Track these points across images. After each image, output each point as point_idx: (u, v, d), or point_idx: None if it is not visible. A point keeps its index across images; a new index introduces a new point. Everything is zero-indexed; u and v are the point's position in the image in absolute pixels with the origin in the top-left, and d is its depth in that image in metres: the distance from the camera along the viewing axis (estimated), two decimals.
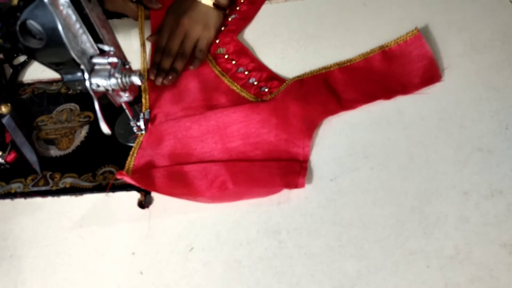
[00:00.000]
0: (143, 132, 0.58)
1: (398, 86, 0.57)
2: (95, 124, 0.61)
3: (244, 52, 0.65)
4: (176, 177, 0.53)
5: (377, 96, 0.57)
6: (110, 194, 0.54)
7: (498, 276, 0.42)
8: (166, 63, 0.64)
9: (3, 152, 0.58)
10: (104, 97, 0.50)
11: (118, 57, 0.47)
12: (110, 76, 0.46)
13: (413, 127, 0.54)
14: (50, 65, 0.47)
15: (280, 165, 0.53)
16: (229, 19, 0.70)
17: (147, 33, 0.70)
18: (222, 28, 0.69)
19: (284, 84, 0.60)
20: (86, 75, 0.46)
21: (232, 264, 0.48)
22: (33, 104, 0.65)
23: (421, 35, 0.59)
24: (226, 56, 0.65)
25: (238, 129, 0.56)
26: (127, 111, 0.55)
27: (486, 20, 0.63)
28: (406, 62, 0.59)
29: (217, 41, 0.67)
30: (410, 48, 0.59)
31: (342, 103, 0.57)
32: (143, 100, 0.62)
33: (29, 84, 0.68)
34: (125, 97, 0.50)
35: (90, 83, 0.46)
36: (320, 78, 0.60)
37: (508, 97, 0.55)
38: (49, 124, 0.63)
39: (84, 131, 0.61)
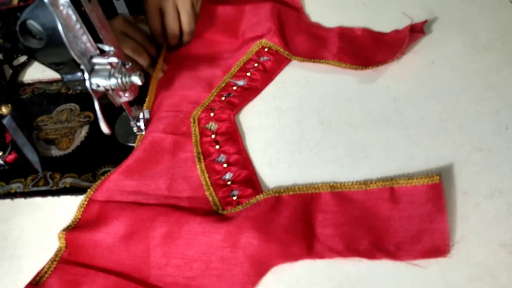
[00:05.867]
0: (143, 132, 0.58)
1: (392, 245, 0.45)
2: (95, 124, 0.61)
3: (235, 137, 0.57)
4: None
5: (358, 251, 0.45)
6: None
7: (498, 276, 0.42)
8: (174, 41, 0.64)
9: (3, 152, 0.58)
10: (104, 97, 0.50)
11: (118, 57, 0.47)
12: (110, 76, 0.46)
13: (413, 127, 0.54)
14: (50, 65, 0.47)
15: None
16: (234, 87, 0.62)
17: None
18: (223, 98, 0.61)
19: (256, 198, 0.50)
20: (86, 75, 0.46)
21: None
22: (33, 104, 0.66)
23: (442, 186, 0.46)
24: (213, 136, 0.57)
25: (176, 247, 0.47)
26: (127, 111, 0.55)
27: (486, 20, 0.63)
28: (414, 215, 0.46)
29: (212, 114, 0.59)
30: (424, 197, 0.46)
31: (313, 246, 0.46)
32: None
33: (29, 84, 0.69)
34: (125, 97, 0.50)
35: (90, 83, 0.46)
36: (302, 201, 0.49)
37: (508, 97, 0.55)
38: (49, 124, 0.63)
39: (84, 131, 0.61)
